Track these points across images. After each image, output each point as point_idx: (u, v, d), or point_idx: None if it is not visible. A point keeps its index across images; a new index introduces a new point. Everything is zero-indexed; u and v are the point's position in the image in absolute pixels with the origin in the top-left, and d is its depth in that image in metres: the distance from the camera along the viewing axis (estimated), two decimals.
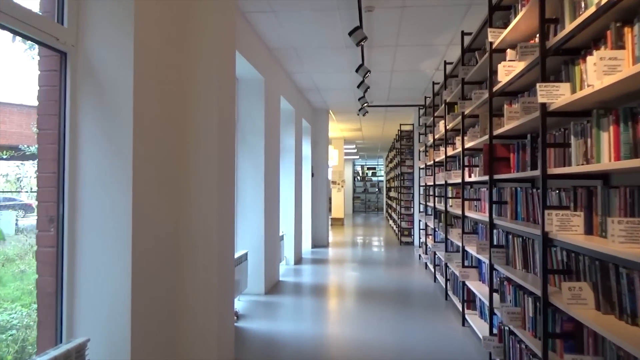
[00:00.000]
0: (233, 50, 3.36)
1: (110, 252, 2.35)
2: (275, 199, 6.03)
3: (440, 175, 5.62)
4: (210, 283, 2.92)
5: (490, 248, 3.18)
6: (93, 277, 2.36)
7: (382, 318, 4.46)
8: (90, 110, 2.39)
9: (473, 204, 4.33)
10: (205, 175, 2.91)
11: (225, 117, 3.12)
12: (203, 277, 2.92)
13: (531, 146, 2.75)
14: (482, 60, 3.54)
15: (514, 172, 3.08)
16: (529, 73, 2.72)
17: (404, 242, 10.17)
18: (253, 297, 5.18)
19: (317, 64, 6.14)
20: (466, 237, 4.11)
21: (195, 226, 2.90)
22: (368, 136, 14.39)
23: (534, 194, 2.79)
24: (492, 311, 3.22)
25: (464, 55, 4.33)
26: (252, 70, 5.01)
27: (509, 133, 3.07)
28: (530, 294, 2.66)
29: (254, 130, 5.35)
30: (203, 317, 2.92)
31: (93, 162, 2.38)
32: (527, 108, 2.56)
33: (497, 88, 3.14)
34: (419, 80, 7.02)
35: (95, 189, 2.37)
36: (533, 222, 2.78)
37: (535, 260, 2.75)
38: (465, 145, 4.14)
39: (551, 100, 2.18)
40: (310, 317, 4.58)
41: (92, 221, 2.37)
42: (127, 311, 2.33)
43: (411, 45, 5.31)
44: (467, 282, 4.05)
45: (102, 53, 2.39)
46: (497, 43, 3.14)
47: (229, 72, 3.23)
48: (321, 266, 7.37)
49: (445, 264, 5.16)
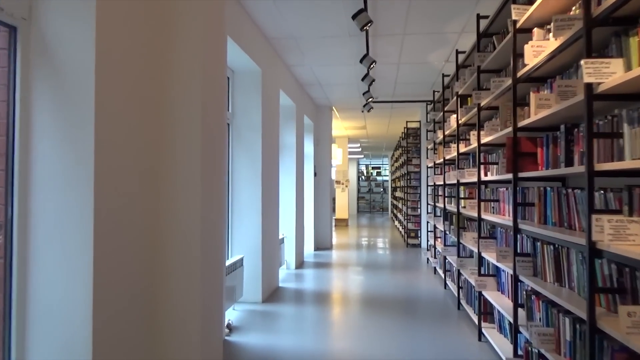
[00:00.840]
0: (222, 34, 2.97)
1: (68, 264, 1.97)
2: (274, 200, 5.64)
3: (451, 174, 5.22)
4: (193, 294, 2.54)
5: (515, 256, 2.78)
6: (48, 293, 1.98)
7: (389, 330, 4.06)
8: (45, 96, 2.02)
9: (490, 205, 3.92)
10: (185, 174, 2.52)
11: (212, 109, 2.73)
12: (184, 287, 2.53)
13: (566, 139, 2.34)
14: (503, 43, 3.14)
15: (542, 169, 2.67)
16: (563, 53, 2.31)
17: (411, 244, 9.76)
18: (249, 306, 4.79)
19: (319, 55, 5.75)
20: (483, 242, 3.70)
21: (173, 230, 2.52)
22: (373, 134, 13.98)
23: (568, 194, 2.38)
24: (517, 329, 2.82)
25: (479, 41, 3.93)
26: (249, 61, 4.62)
27: (536, 124, 2.67)
28: (567, 312, 2.26)
29: (250, 126, 4.96)
30: (184, 334, 2.53)
31: (48, 157, 2.01)
32: (564, 92, 2.15)
33: (523, 73, 2.73)
34: (427, 73, 6.60)
35: (50, 189, 2.00)
36: (568, 227, 2.37)
37: (571, 272, 2.35)
38: (481, 141, 3.73)
39: (600, 80, 1.78)
40: (310, 329, 4.19)
41: (47, 226, 1.99)
42: (87, 332, 1.95)
43: (420, 33, 4.91)
44: (484, 292, 3.64)
45: (58, 27, 2.01)
46: (522, 21, 2.74)
47: (217, 58, 2.84)
48: (324, 270, 6.98)
49: (458, 270, 4.75)
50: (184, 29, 2.54)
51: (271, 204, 5.44)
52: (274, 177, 5.62)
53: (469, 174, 4.25)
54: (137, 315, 2.35)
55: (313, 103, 8.93)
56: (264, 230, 5.06)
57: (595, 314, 1.84)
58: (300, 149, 7.65)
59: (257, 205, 4.94)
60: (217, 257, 2.87)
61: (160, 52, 2.52)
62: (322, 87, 7.55)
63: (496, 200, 3.68)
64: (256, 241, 4.96)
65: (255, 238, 4.96)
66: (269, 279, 5.33)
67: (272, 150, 5.48)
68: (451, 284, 5.39)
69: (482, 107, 3.74)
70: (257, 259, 4.96)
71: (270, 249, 5.40)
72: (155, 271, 2.51)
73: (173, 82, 2.53)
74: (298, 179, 7.32)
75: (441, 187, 6.27)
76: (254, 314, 4.56)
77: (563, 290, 2.38)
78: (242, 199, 4.94)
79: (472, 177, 4.10)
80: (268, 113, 5.26)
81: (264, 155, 5.03)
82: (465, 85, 4.47)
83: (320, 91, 7.91)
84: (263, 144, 5.01)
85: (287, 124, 7.08)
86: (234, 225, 4.93)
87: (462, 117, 4.58)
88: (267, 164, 5.21)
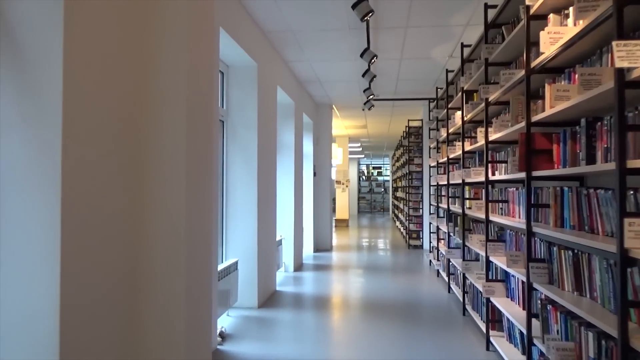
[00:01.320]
0: (210, 22, 2.75)
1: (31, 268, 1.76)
2: (271, 200, 5.42)
3: (455, 174, 4.99)
4: (177, 301, 2.31)
5: (529, 262, 2.56)
6: (6, 310, 1.77)
7: (391, 338, 3.84)
8: (6, 84, 1.80)
9: (498, 206, 3.71)
10: (168, 171, 2.30)
11: (200, 102, 2.51)
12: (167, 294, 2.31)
13: (587, 134, 2.12)
14: (514, 32, 2.92)
15: (559, 167, 2.46)
16: (584, 39, 2.10)
17: (413, 245, 9.54)
18: (244, 312, 4.58)
19: (318, 50, 5.52)
20: (491, 245, 3.48)
21: (154, 233, 2.30)
22: (374, 134, 13.76)
23: (590, 195, 2.17)
24: (531, 341, 2.60)
25: (487, 32, 3.71)
26: (244, 55, 4.41)
27: (552, 119, 2.45)
28: (589, 326, 2.04)
29: (246, 124, 4.74)
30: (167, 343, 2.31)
31: (8, 153, 1.79)
32: (587, 82, 1.93)
33: (537, 63, 2.51)
34: (430, 69, 6.38)
35: (10, 189, 1.78)
36: (590, 231, 2.16)
37: (592, 281, 2.13)
38: (489, 138, 3.51)
39: (634, 64, 1.56)
40: (307, 336, 3.97)
41: (5, 232, 1.77)
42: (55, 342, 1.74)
43: (423, 26, 4.69)
44: (493, 298, 3.43)
45: (22, 7, 1.80)
46: (536, 7, 2.52)
47: (205, 49, 2.62)
48: (323, 273, 6.76)
49: (463, 274, 4.53)
50: (166, 15, 2.32)
51: (268, 204, 5.23)
52: (271, 177, 5.40)
53: (475, 173, 4.03)
54: (114, 324, 2.13)
55: (312, 101, 8.71)
56: (260, 232, 4.85)
57: (627, 331, 1.62)
58: (299, 148, 7.43)
59: (253, 205, 4.72)
60: (205, 261, 2.65)
61: (140, 39, 2.30)
62: (321, 84, 7.33)
63: (505, 201, 3.46)
64: (252, 243, 4.74)
65: (250, 240, 4.74)
66: (266, 283, 5.11)
67: (269, 149, 5.26)
68: (455, 287, 5.17)
69: (490, 102, 3.52)
70: (252, 262, 4.74)
71: (267, 251, 5.19)
72: (134, 276, 2.29)
73: (154, 72, 2.31)
74: (297, 179, 7.10)
75: (445, 187, 6.05)
76: (249, 320, 4.34)
77: (583, 300, 2.16)
78: (237, 200, 4.72)
79: (479, 177, 3.88)
80: (265, 110, 5.04)
81: (260, 154, 4.81)
82: (471, 80, 4.25)
83: (320, 88, 7.69)
84: (259, 143, 4.80)
85: (285, 122, 6.86)
86: (228, 227, 4.71)
87: (467, 114, 4.36)
88: (264, 163, 5.00)
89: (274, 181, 5.59)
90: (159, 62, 2.30)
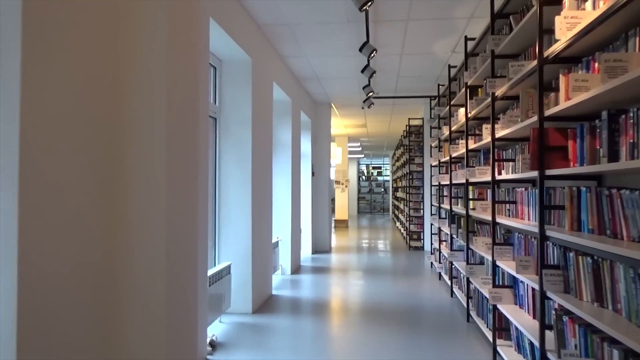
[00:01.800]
0: (196, 9, 2.55)
1: None
2: (266, 200, 5.21)
3: (459, 173, 4.79)
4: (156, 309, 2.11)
5: (542, 268, 2.35)
6: None
7: (391, 347, 3.63)
8: None
9: (505, 207, 3.50)
10: (146, 166, 2.09)
11: (183, 94, 2.31)
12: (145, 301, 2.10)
13: (609, 128, 1.92)
14: (524, 19, 2.71)
15: (576, 165, 2.25)
16: (605, 24, 1.89)
17: (413, 246, 9.33)
18: (238, 318, 4.37)
19: (315, 45, 5.32)
20: (497, 249, 3.27)
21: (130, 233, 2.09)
22: (373, 133, 13.55)
23: (612, 196, 1.96)
24: (544, 354, 2.39)
25: (493, 23, 3.50)
26: (237, 48, 4.20)
27: (568, 112, 2.24)
28: (613, 341, 1.84)
29: (239, 121, 4.53)
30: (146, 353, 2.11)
31: None
32: (612, 69, 1.73)
33: (551, 51, 2.31)
34: (432, 65, 6.17)
35: None
36: (612, 236, 1.95)
37: (615, 291, 1.92)
38: (496, 135, 3.30)
39: None
40: (304, 344, 3.76)
41: None
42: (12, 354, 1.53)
43: (425, 19, 4.48)
44: (500, 305, 3.22)
45: None
46: None
47: (190, 39, 2.42)
48: (322, 276, 6.55)
49: (467, 278, 4.32)
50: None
51: (263, 205, 5.02)
52: (266, 177, 5.19)
53: (480, 173, 3.83)
54: (84, 333, 1.92)
55: (310, 99, 8.50)
56: (255, 234, 4.64)
57: None
58: (297, 147, 7.22)
59: (247, 206, 4.51)
60: (190, 265, 2.45)
61: (114, 25, 2.10)
62: (319, 80, 7.12)
63: (513, 202, 3.26)
64: (246, 246, 4.53)
65: (244, 242, 4.53)
66: (261, 287, 4.90)
67: (264, 148, 5.05)
68: (458, 292, 4.96)
69: (497, 96, 3.32)
70: (246, 266, 4.54)
71: (262, 254, 4.98)
72: (108, 281, 2.09)
73: (130, 61, 2.10)
74: (294, 179, 6.89)
75: (447, 187, 5.84)
76: (242, 327, 4.13)
77: (605, 312, 1.95)
78: (230, 200, 4.51)
79: (485, 176, 3.68)
80: (260, 107, 4.83)
81: (254, 153, 4.60)
82: (475, 75, 4.04)
83: (318, 86, 7.48)
84: (254, 141, 4.59)
85: (281, 120, 6.65)
86: (221, 229, 4.50)
87: (472, 110, 4.15)
88: (259, 163, 4.79)
89: (269, 181, 5.38)
90: (134, 49, 2.10)
